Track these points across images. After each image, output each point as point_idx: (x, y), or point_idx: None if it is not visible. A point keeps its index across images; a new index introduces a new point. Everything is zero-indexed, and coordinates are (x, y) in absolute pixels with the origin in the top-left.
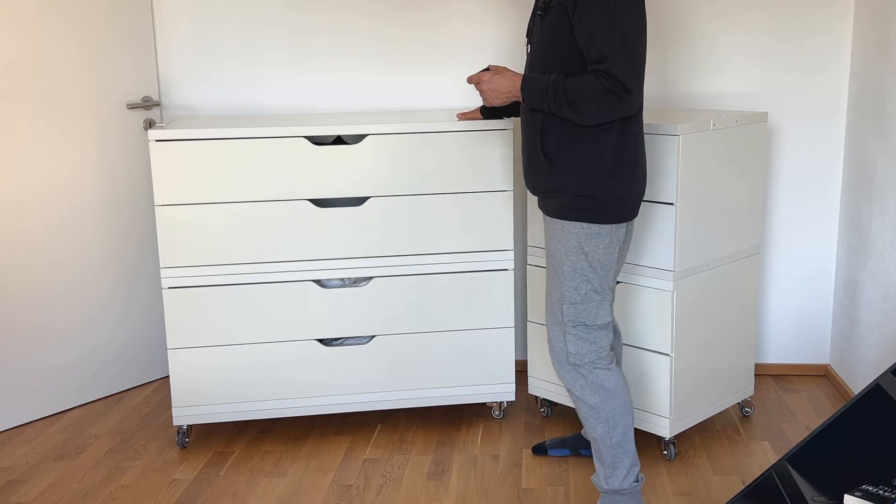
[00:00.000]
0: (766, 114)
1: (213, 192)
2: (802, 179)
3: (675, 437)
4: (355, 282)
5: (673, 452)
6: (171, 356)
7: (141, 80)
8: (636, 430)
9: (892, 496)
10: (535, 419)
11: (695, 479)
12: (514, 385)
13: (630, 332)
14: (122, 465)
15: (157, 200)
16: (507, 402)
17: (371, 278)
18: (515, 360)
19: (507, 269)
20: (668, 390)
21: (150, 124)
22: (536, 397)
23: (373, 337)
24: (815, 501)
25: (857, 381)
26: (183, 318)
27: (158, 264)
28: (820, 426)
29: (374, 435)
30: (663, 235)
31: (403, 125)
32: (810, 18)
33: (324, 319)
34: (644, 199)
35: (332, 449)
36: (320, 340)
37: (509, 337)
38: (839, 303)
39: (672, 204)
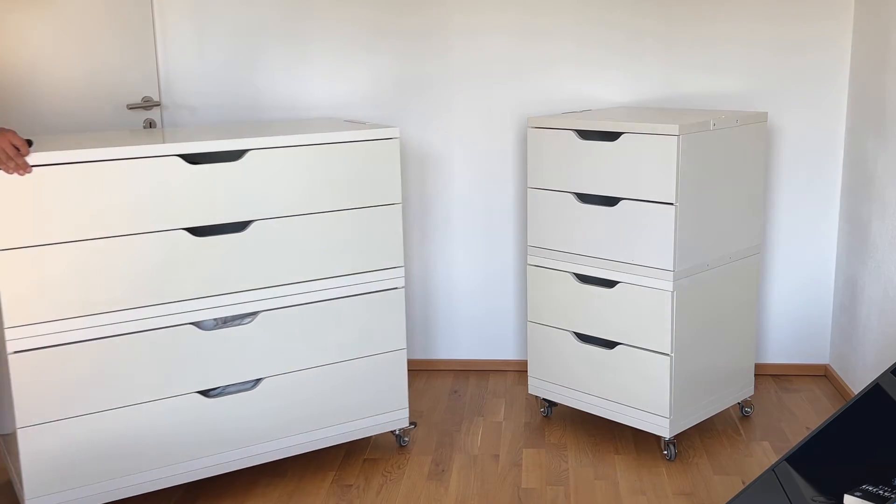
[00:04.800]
0: (766, 114)
1: (67, 228)
2: (802, 180)
3: (675, 437)
4: (239, 319)
5: (673, 452)
6: (22, 437)
7: (141, 80)
8: (636, 429)
9: (892, 496)
10: (536, 419)
11: (695, 479)
12: (407, 411)
13: (630, 332)
14: None
15: None
16: (409, 427)
17: (257, 313)
18: (515, 360)
19: (397, 288)
20: (668, 390)
21: (150, 124)
22: (536, 397)
23: (260, 380)
24: (815, 501)
25: (857, 381)
26: (36, 386)
27: None
28: (820, 426)
29: (374, 435)
30: (663, 235)
31: (284, 137)
32: (810, 19)
33: (204, 367)
34: (644, 199)
35: (332, 449)
36: (202, 392)
37: (401, 360)
38: (839, 303)
39: (672, 204)
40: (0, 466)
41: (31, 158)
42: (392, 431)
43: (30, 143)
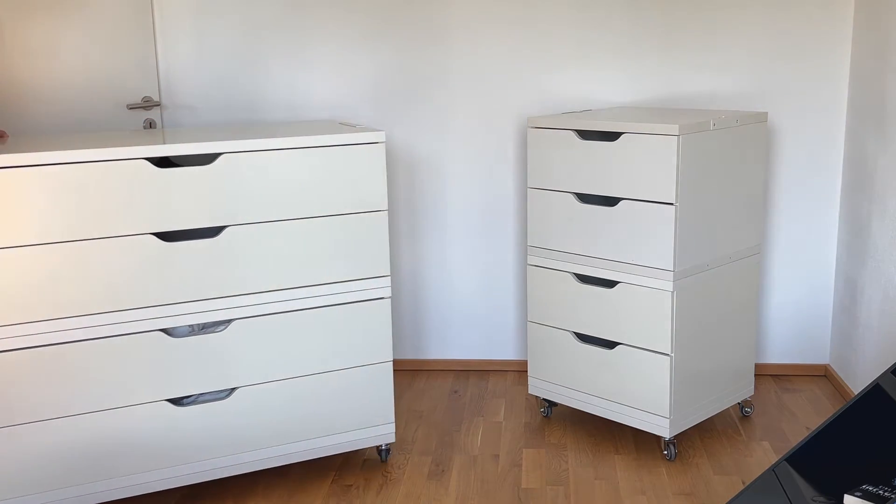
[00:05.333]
0: (766, 114)
1: (32, 232)
2: (802, 180)
3: (675, 437)
4: (212, 327)
5: (673, 452)
6: None
7: (141, 80)
8: (636, 429)
9: (892, 496)
10: (536, 419)
11: (695, 479)
12: (393, 426)
13: (630, 332)
14: None
15: None
16: (390, 443)
17: (230, 321)
18: (515, 360)
19: (383, 298)
20: (668, 390)
21: (150, 124)
22: (536, 397)
23: (234, 390)
24: (815, 501)
25: (857, 381)
26: (2, 389)
27: None
28: (820, 426)
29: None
30: (663, 235)
31: (259, 141)
32: (810, 18)
33: (175, 375)
34: (644, 199)
35: None
36: (172, 400)
37: (387, 372)
38: (839, 303)
39: (672, 204)
40: None
41: None
42: (377, 447)
43: None
